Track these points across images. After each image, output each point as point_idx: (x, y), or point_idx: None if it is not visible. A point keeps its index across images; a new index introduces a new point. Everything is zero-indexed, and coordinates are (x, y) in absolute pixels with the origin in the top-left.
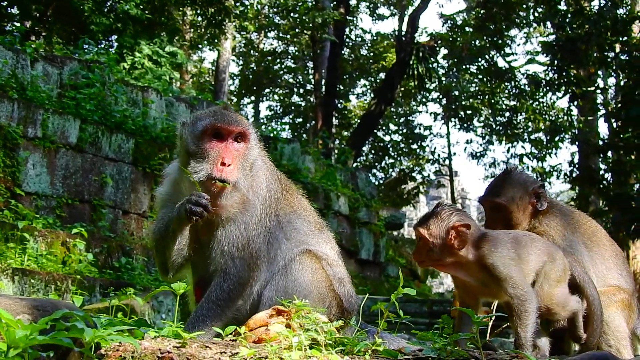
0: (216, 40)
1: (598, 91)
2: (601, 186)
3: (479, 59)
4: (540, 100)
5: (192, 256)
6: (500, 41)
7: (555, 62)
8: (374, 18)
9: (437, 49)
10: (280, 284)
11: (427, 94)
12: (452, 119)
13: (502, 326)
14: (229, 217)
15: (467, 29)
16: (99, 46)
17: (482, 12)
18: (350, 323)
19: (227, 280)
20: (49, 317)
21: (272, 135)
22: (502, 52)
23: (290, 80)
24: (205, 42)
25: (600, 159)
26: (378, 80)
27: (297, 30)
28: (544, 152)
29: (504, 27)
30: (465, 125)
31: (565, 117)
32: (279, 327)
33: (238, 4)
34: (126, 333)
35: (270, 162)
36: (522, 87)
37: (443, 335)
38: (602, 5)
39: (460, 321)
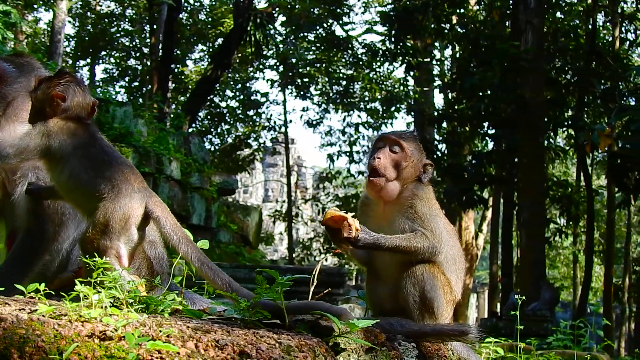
0: (51, 1)
1: (434, 62)
2: (435, 157)
3: (317, 27)
4: (377, 70)
5: (4, 211)
6: (338, 10)
7: (393, 32)
8: None
9: (275, 15)
10: None
11: (264, 61)
12: (289, 87)
13: (322, 292)
14: (28, 172)
15: None
16: None
17: None
18: (156, 282)
19: (30, 236)
20: None
21: (103, 97)
22: (340, 20)
23: (127, 43)
24: (40, 2)
25: (435, 130)
26: (215, 46)
27: None
28: (379, 122)
29: None
30: (301, 93)
31: (401, 88)
32: (83, 285)
33: None
34: None
35: None
36: (359, 56)
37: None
38: None
39: None
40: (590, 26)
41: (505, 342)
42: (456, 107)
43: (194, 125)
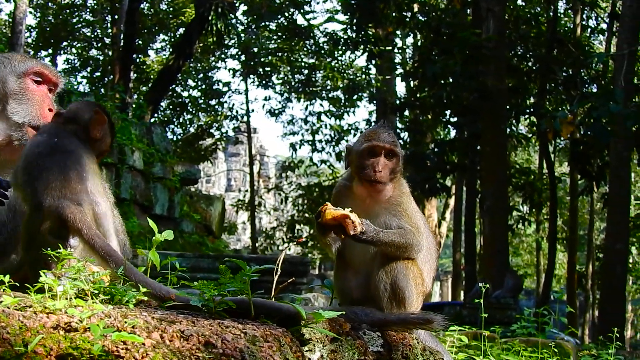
0: None
1: (396, 50)
2: None
3: (279, 16)
4: (339, 58)
5: None
6: None
7: (354, 20)
8: None
9: (237, 5)
10: None
11: (226, 50)
12: (251, 76)
13: (286, 282)
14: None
15: None
16: None
17: None
18: (119, 273)
19: (2, 233)
20: None
21: (65, 88)
22: (302, 9)
23: (89, 33)
24: None
25: (397, 118)
26: (177, 36)
27: None
28: (342, 111)
29: None
30: (264, 82)
31: (364, 76)
32: (48, 277)
33: None
34: None
35: None
36: (321, 45)
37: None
38: None
39: None
40: (551, 13)
41: (469, 330)
42: (418, 95)
43: (156, 115)
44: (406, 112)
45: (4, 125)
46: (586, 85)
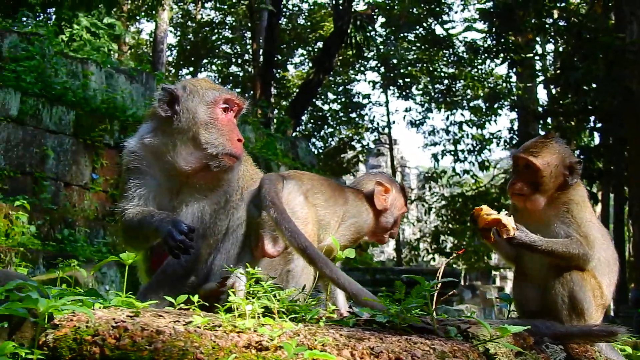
0: (153, 12)
1: (536, 57)
2: None
3: (417, 27)
4: (479, 67)
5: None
6: (437, 8)
7: (493, 29)
8: None
9: (375, 17)
10: (232, 252)
11: (366, 63)
12: (391, 87)
13: (447, 294)
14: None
15: None
16: (38, 19)
17: None
18: (301, 291)
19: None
20: (2, 287)
21: None
22: (440, 19)
23: (228, 50)
24: (143, 13)
25: (540, 126)
26: (316, 50)
27: (234, 0)
28: (483, 119)
29: None
30: (404, 93)
31: (504, 84)
32: (231, 295)
33: None
34: (79, 303)
35: None
36: (461, 54)
37: (395, 302)
38: None
39: None
40: None
41: (630, 339)
42: (561, 102)
43: (298, 129)
44: (549, 120)
45: (198, 153)
46: None
